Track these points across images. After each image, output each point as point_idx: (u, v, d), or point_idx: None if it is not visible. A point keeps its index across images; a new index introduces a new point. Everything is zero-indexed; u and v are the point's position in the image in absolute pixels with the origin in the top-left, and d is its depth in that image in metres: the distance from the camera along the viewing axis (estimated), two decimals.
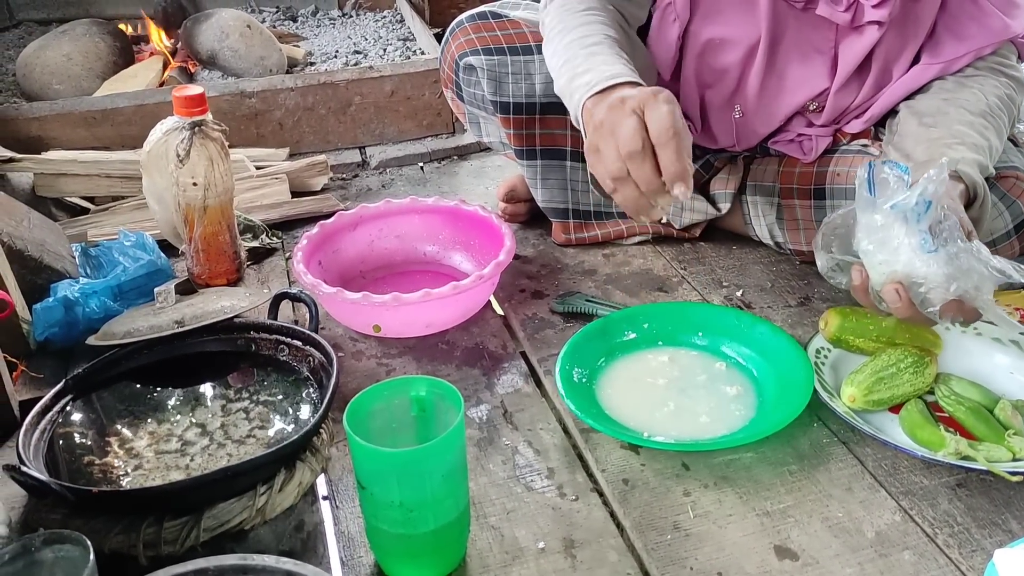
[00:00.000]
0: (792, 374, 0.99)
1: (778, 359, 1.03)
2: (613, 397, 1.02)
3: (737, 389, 1.02)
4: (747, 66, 1.18)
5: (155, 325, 1.02)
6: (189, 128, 1.20)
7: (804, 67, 1.16)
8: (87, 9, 2.51)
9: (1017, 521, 0.84)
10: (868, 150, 1.20)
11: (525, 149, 1.31)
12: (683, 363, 1.07)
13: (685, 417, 0.98)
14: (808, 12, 1.10)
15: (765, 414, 0.97)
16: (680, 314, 1.13)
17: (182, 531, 0.80)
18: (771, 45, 1.14)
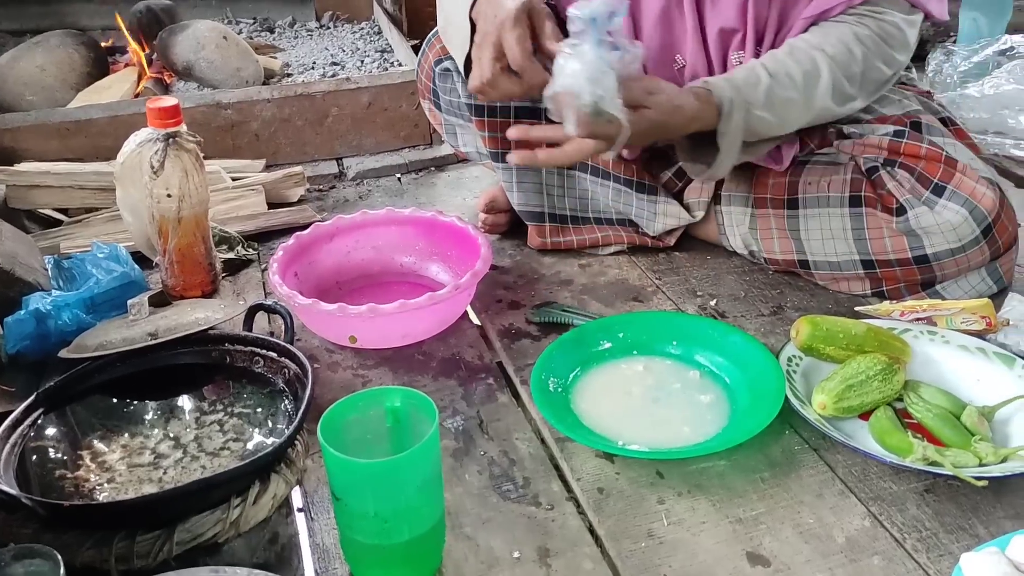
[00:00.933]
0: (764, 382, 1.01)
1: (751, 367, 1.04)
2: (588, 406, 1.02)
3: (710, 397, 1.03)
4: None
5: (128, 337, 1.01)
6: (163, 139, 1.19)
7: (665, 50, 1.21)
8: (61, 20, 2.50)
9: (983, 525, 0.85)
10: (838, 159, 1.22)
11: (501, 152, 1.32)
12: (657, 372, 1.08)
13: (659, 425, 0.99)
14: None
15: (738, 422, 0.98)
16: (655, 323, 1.14)
17: (154, 545, 0.80)
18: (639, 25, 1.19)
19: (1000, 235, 1.14)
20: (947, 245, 1.13)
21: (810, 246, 1.23)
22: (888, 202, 1.16)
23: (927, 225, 1.13)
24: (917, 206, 1.13)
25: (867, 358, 0.99)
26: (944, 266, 1.15)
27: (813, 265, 1.24)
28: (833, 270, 1.23)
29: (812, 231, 1.22)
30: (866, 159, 1.20)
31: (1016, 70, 1.83)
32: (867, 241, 1.18)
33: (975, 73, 1.90)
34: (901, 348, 1.04)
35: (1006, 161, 1.71)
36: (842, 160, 1.22)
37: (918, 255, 1.15)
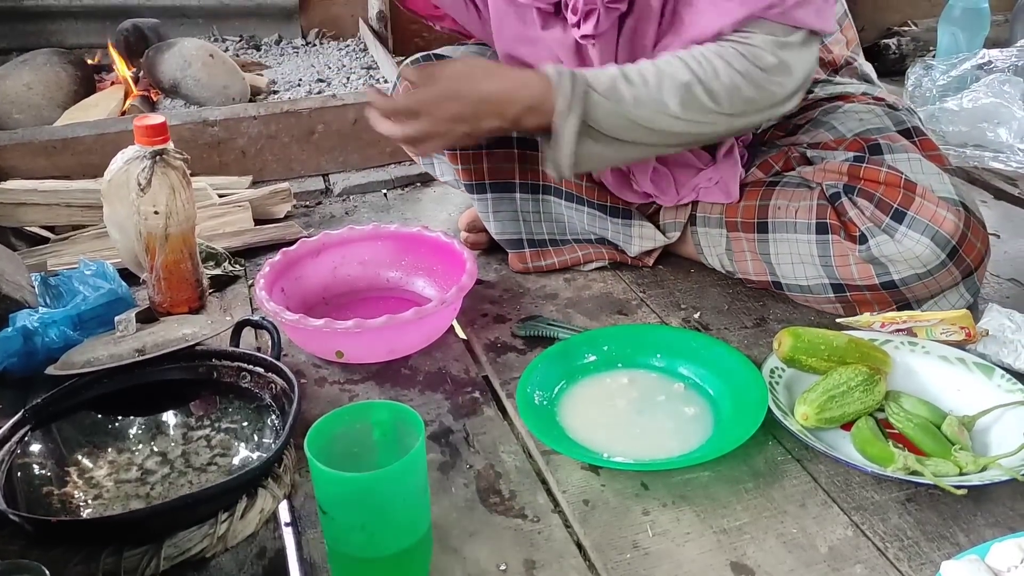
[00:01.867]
0: (747, 393, 1.02)
1: (734, 379, 1.05)
2: (573, 419, 1.03)
3: (694, 409, 1.04)
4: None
5: (115, 354, 1.02)
6: (150, 157, 1.20)
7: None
8: (48, 38, 2.50)
9: (964, 534, 0.86)
10: (808, 183, 1.24)
11: (475, 183, 1.33)
12: (642, 384, 1.09)
13: (644, 437, 1.00)
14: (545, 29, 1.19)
15: (721, 433, 0.99)
16: (639, 337, 1.15)
17: (142, 560, 0.80)
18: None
19: (968, 254, 1.13)
20: (912, 271, 1.13)
21: (781, 269, 1.24)
22: (851, 230, 1.17)
23: (889, 254, 1.13)
24: (878, 234, 1.14)
25: (849, 369, 1.00)
26: (914, 290, 1.15)
27: (786, 287, 1.26)
28: (805, 293, 1.24)
29: (782, 255, 1.24)
30: (827, 185, 1.20)
31: (994, 84, 1.86)
32: (834, 268, 1.19)
33: (954, 87, 1.93)
34: (882, 359, 1.05)
35: (985, 173, 1.73)
36: (812, 185, 1.23)
37: (885, 281, 1.16)
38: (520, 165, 1.33)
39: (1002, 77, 1.89)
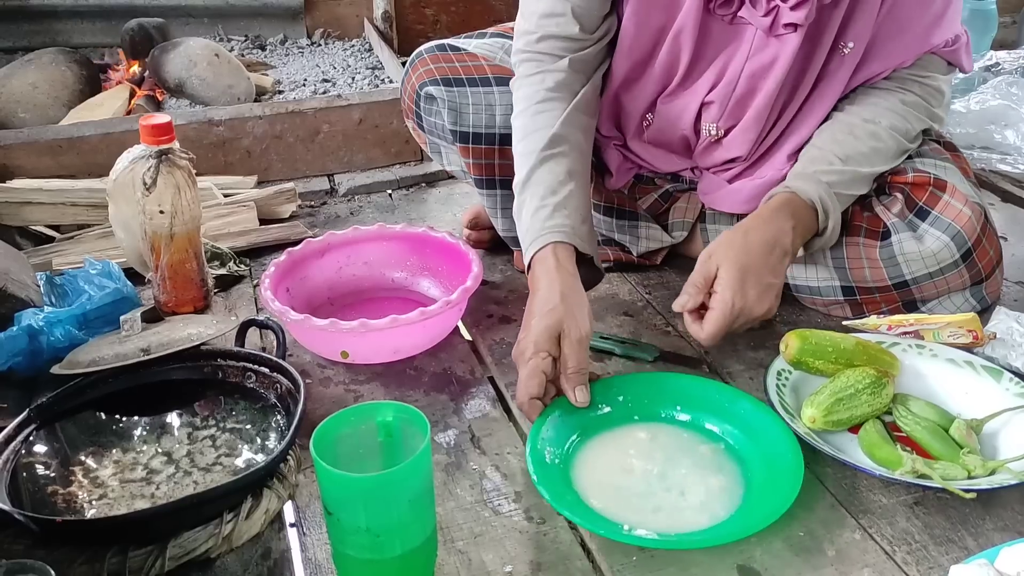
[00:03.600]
0: (780, 459, 0.92)
1: (763, 438, 0.96)
2: (589, 481, 0.92)
3: (720, 474, 0.94)
4: (661, 73, 1.21)
5: (121, 353, 1.02)
6: (156, 156, 1.20)
7: (716, 77, 1.18)
8: (53, 38, 2.50)
9: (972, 538, 0.86)
10: None
11: (484, 179, 1.32)
12: (662, 443, 0.98)
13: (666, 506, 0.90)
14: (732, 23, 1.13)
15: (752, 505, 0.89)
16: (656, 386, 1.04)
17: (147, 560, 0.80)
18: (694, 56, 1.17)
19: (980, 259, 1.14)
20: (926, 269, 1.14)
21: (792, 269, 1.24)
22: (875, 224, 1.16)
23: (909, 252, 1.14)
24: (902, 230, 1.14)
25: (856, 372, 1.00)
26: (923, 288, 1.16)
27: (795, 288, 1.25)
28: (814, 295, 1.24)
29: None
30: None
31: (1001, 85, 1.86)
32: (847, 270, 1.19)
33: (962, 88, 1.93)
34: (890, 362, 1.05)
35: (992, 176, 1.73)
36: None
37: (898, 281, 1.16)
38: None
39: (1010, 79, 1.88)
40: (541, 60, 1.17)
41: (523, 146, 1.14)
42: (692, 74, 1.19)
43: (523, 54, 1.18)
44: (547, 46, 1.16)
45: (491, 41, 1.36)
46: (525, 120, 1.15)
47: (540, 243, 1.06)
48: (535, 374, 0.96)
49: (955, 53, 1.17)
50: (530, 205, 1.09)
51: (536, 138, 1.13)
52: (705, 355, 1.17)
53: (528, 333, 0.99)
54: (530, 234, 1.08)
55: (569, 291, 1.02)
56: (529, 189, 1.11)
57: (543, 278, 1.04)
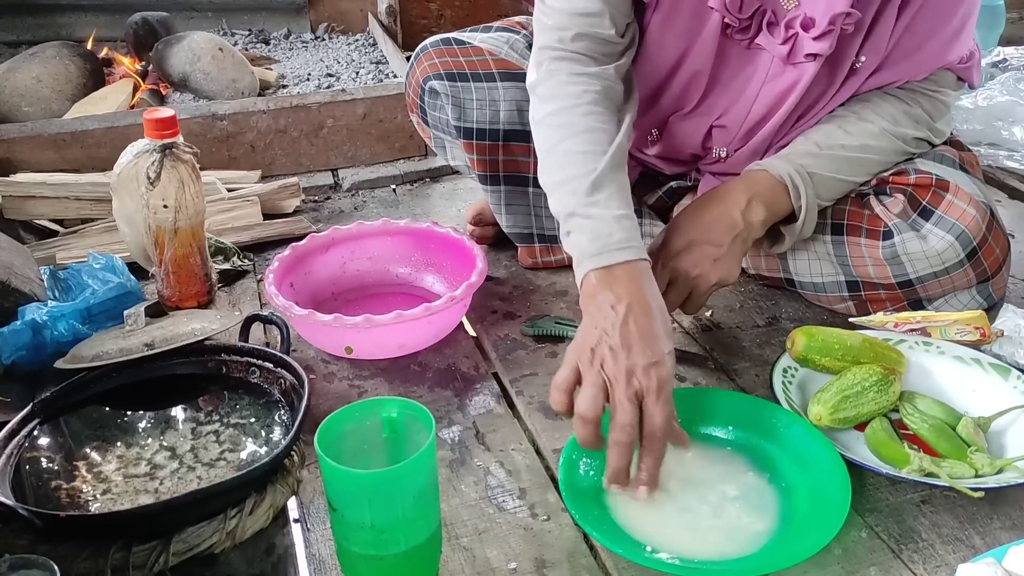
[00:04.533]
0: (826, 491, 0.87)
1: (812, 468, 0.90)
2: (622, 497, 0.87)
3: (759, 502, 0.89)
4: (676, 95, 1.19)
5: (124, 348, 1.01)
6: (160, 150, 1.19)
7: (730, 101, 1.17)
8: (57, 31, 2.50)
9: (980, 536, 0.85)
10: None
11: (489, 175, 1.32)
12: (705, 463, 0.93)
13: (695, 529, 0.85)
14: (749, 48, 1.11)
15: (784, 540, 0.84)
16: (706, 403, 0.99)
17: (151, 555, 0.80)
18: (711, 78, 1.15)
19: (986, 258, 1.13)
20: (931, 269, 1.13)
21: (795, 266, 1.23)
22: (875, 224, 1.15)
23: (913, 251, 1.12)
24: (905, 231, 1.12)
25: (863, 369, 0.99)
26: (928, 287, 1.14)
27: (799, 284, 1.25)
28: (818, 291, 1.23)
29: (798, 252, 1.22)
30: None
31: (1009, 82, 1.85)
32: (851, 267, 1.18)
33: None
34: (897, 359, 1.04)
35: (999, 173, 1.72)
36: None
37: (902, 280, 1.15)
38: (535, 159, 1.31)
39: (1017, 75, 1.87)
40: (580, 60, 1.08)
41: (579, 142, 1.02)
42: (707, 97, 1.18)
43: (555, 51, 1.09)
44: (583, 46, 1.08)
45: (496, 35, 1.35)
46: (574, 117, 1.05)
47: (636, 254, 0.93)
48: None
49: (968, 70, 1.16)
50: (610, 208, 0.97)
51: (598, 138, 1.02)
52: (710, 351, 1.17)
53: (650, 346, 0.86)
54: (615, 238, 0.94)
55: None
56: (607, 188, 0.98)
57: (647, 291, 0.91)
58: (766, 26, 1.07)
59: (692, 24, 1.10)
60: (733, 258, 1.08)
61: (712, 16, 1.08)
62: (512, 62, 1.30)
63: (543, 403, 1.07)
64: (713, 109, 1.19)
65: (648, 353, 0.85)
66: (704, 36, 1.11)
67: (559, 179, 1.02)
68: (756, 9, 1.06)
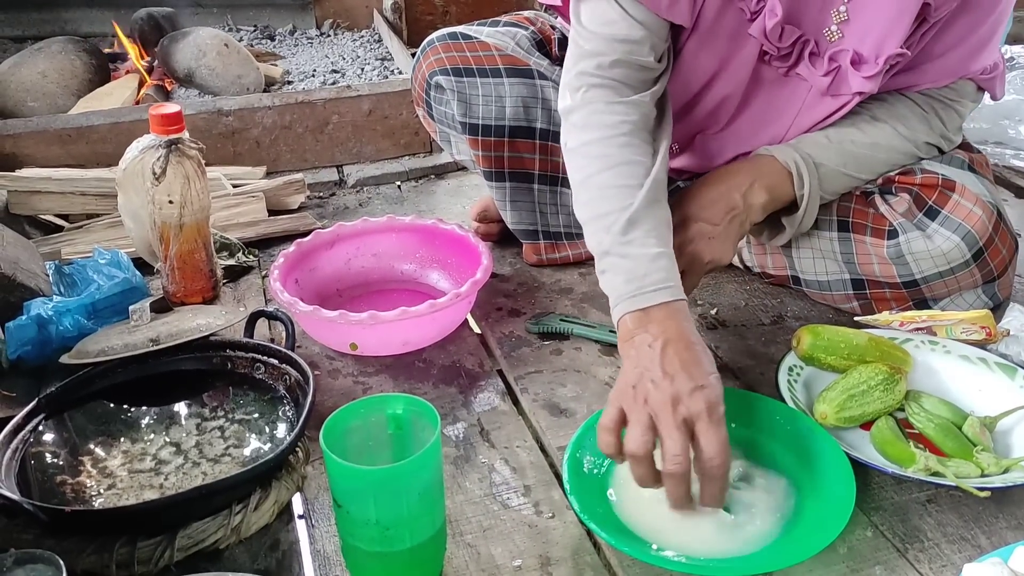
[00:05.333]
0: (829, 488, 0.87)
1: (816, 467, 0.90)
2: (626, 494, 0.88)
3: (766, 498, 0.88)
4: (705, 115, 1.18)
5: (129, 343, 1.01)
6: (165, 146, 1.19)
7: (760, 125, 1.16)
8: (63, 27, 2.50)
9: (986, 536, 0.85)
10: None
11: (494, 171, 1.32)
12: None
13: (702, 526, 0.85)
14: (787, 76, 1.09)
15: (791, 537, 0.83)
16: None
17: (156, 551, 0.80)
18: (742, 101, 1.14)
19: (992, 258, 1.12)
20: (936, 268, 1.12)
21: (801, 264, 1.23)
22: (880, 223, 1.14)
23: (917, 251, 1.11)
24: (910, 230, 1.12)
25: (869, 368, 0.99)
26: (933, 287, 1.14)
27: (804, 283, 1.24)
28: (823, 290, 1.23)
29: (803, 249, 1.22)
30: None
31: (1016, 81, 1.84)
32: (856, 265, 1.17)
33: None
34: (902, 358, 1.04)
35: (1006, 172, 1.71)
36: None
37: (907, 280, 1.14)
38: (540, 156, 1.32)
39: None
40: (617, 88, 1.04)
41: (615, 175, 0.99)
42: (736, 119, 1.17)
43: (592, 77, 1.05)
44: (620, 73, 1.04)
45: (504, 30, 1.35)
46: (611, 148, 1.01)
47: (672, 295, 0.91)
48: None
49: (991, 81, 1.15)
50: (648, 244, 0.94)
51: (635, 171, 0.99)
52: (715, 350, 1.16)
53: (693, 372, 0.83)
54: (651, 279, 0.91)
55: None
56: (643, 225, 0.95)
57: (685, 328, 0.89)
58: (808, 56, 1.06)
59: (728, 48, 1.08)
60: (728, 239, 1.08)
61: (749, 42, 1.07)
62: (518, 58, 1.30)
63: (548, 400, 1.07)
64: (742, 132, 1.18)
65: (692, 378, 0.82)
66: (739, 61, 1.09)
67: (594, 214, 0.99)
68: (797, 38, 1.05)
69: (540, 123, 1.29)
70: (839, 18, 1.04)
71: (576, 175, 1.04)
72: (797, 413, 0.96)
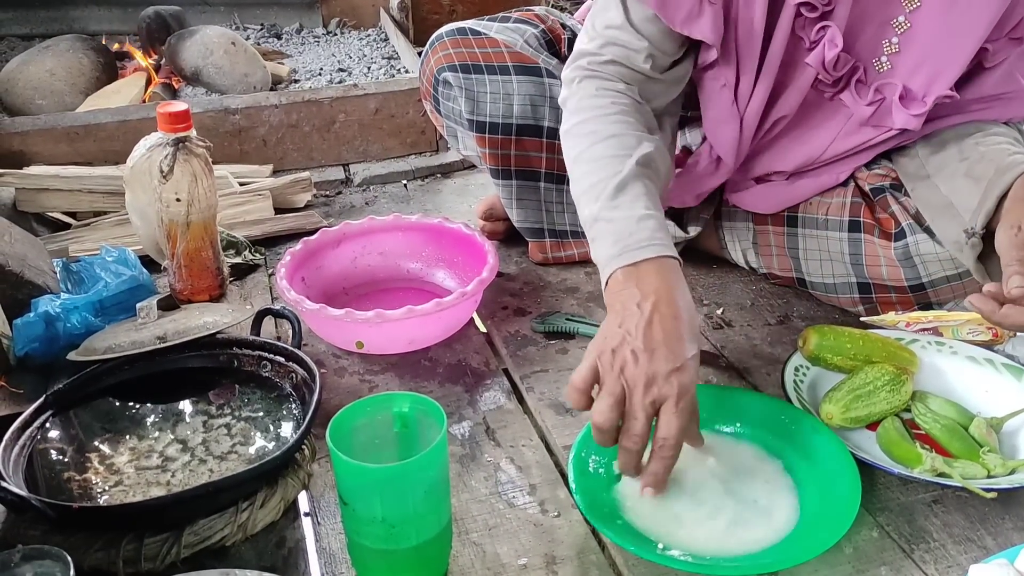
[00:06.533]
0: (836, 488, 0.86)
1: (823, 466, 0.90)
2: (632, 492, 0.87)
3: (773, 497, 0.88)
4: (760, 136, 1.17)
5: (137, 341, 1.02)
6: (173, 144, 1.20)
7: (799, 143, 1.15)
8: (71, 25, 2.51)
9: (992, 537, 0.85)
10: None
11: (500, 169, 1.32)
12: (719, 459, 0.91)
13: (708, 524, 0.85)
14: (832, 100, 1.09)
15: (801, 536, 0.83)
16: (717, 399, 0.97)
17: (163, 547, 0.80)
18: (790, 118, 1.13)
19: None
20: (943, 273, 1.11)
21: (808, 266, 1.23)
22: (887, 226, 1.14)
23: (925, 252, 1.11)
24: (918, 232, 1.11)
25: (875, 368, 0.99)
26: (940, 292, 1.13)
27: (810, 285, 1.24)
28: (828, 292, 1.22)
29: (810, 251, 1.22)
30: (870, 184, 1.18)
31: None
32: (864, 267, 1.17)
33: None
34: (909, 359, 1.04)
35: None
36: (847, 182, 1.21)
37: (914, 284, 1.13)
38: (547, 154, 1.31)
39: None
40: (611, 80, 1.05)
41: (607, 146, 0.98)
42: (779, 138, 1.16)
43: (585, 71, 1.06)
44: (614, 71, 1.05)
45: (513, 27, 1.35)
46: (601, 125, 1.00)
47: (661, 251, 0.89)
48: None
49: None
50: (634, 210, 0.91)
51: (627, 142, 0.98)
52: (721, 350, 1.16)
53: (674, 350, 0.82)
54: (637, 237, 0.89)
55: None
56: (629, 193, 0.93)
57: (676, 287, 0.88)
58: (854, 83, 1.05)
59: (782, 75, 1.07)
60: None
61: (806, 71, 1.06)
62: (527, 55, 1.30)
63: (553, 399, 1.07)
64: (778, 149, 1.17)
65: (671, 358, 0.81)
66: (793, 88, 1.08)
67: (584, 187, 0.97)
68: (849, 65, 1.04)
69: (548, 122, 1.29)
70: (890, 49, 1.03)
71: (569, 154, 1.03)
72: (801, 412, 0.96)
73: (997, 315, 0.86)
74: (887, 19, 1.02)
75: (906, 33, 1.01)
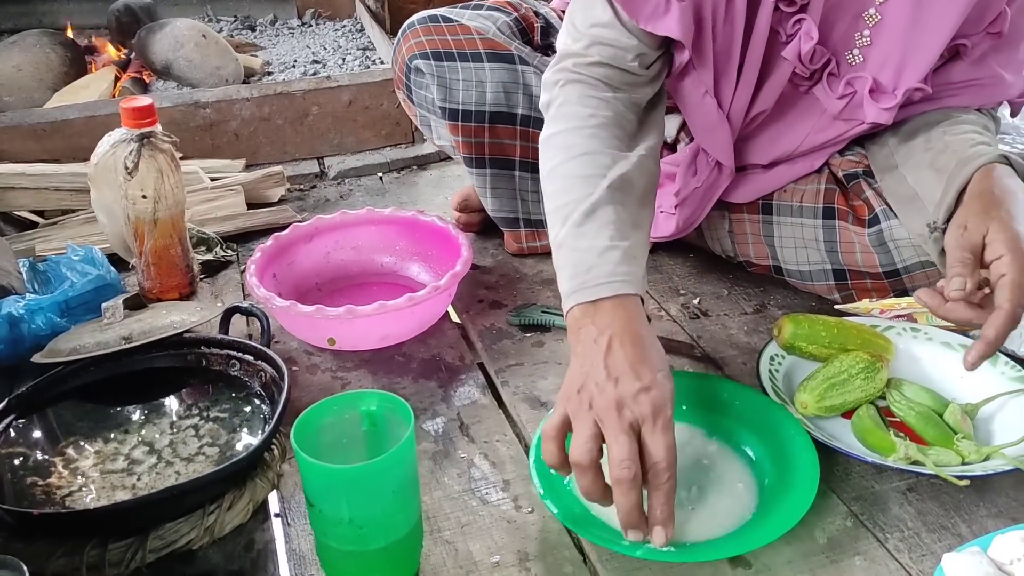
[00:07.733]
0: (792, 459, 0.87)
1: (774, 438, 0.91)
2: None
3: (731, 479, 0.89)
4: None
5: (102, 341, 1.00)
6: (137, 140, 1.18)
7: (776, 136, 1.15)
8: (39, 19, 2.47)
9: (966, 524, 0.85)
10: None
11: (474, 157, 1.30)
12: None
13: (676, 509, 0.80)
14: (807, 94, 1.08)
15: (765, 514, 0.84)
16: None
17: (127, 553, 0.79)
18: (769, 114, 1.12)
19: None
20: (918, 258, 1.10)
21: (783, 253, 1.22)
22: (861, 212, 1.13)
23: (899, 238, 1.10)
24: (892, 217, 1.10)
25: (849, 356, 0.98)
26: (914, 278, 1.12)
27: (786, 272, 1.23)
28: (804, 279, 1.21)
29: (785, 239, 1.21)
30: (844, 169, 1.17)
31: None
32: (839, 254, 1.16)
33: None
34: (884, 346, 1.03)
35: None
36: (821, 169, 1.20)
37: (889, 270, 1.13)
38: (522, 142, 1.30)
39: None
40: (595, 85, 1.01)
41: (580, 165, 0.94)
42: (756, 132, 1.15)
43: (571, 74, 1.02)
44: (601, 73, 1.01)
45: (486, 13, 1.33)
46: (578, 139, 0.96)
47: (620, 289, 0.84)
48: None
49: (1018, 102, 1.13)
50: (598, 240, 0.87)
51: (601, 161, 0.94)
52: (697, 340, 1.16)
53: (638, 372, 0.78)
54: (596, 272, 0.85)
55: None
56: (596, 220, 0.89)
57: (634, 319, 0.83)
58: (826, 76, 1.05)
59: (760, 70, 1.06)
60: None
61: (783, 65, 1.04)
62: (500, 42, 1.28)
63: (528, 393, 1.06)
64: (757, 144, 1.16)
65: (637, 378, 0.77)
66: (771, 84, 1.07)
67: (555, 206, 0.93)
68: (824, 58, 1.03)
69: (521, 109, 1.28)
70: (863, 42, 1.02)
71: (544, 166, 1.00)
72: (739, 386, 0.97)
73: (942, 309, 0.86)
74: (860, 11, 1.01)
75: (877, 25, 1.01)
